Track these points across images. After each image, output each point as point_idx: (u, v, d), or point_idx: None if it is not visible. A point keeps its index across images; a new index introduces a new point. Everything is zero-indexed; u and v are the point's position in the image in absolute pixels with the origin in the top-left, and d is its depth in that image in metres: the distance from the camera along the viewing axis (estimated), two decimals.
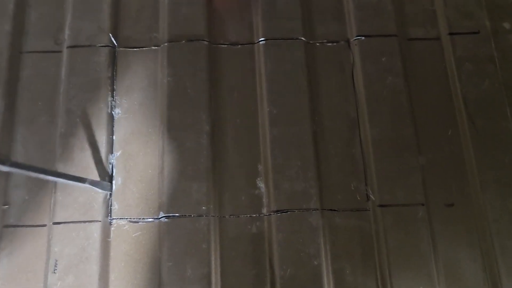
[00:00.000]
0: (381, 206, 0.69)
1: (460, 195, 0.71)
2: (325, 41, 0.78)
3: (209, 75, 0.74)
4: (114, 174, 0.69)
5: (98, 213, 0.67)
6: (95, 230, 0.66)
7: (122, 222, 0.67)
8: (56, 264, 0.64)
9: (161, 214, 0.67)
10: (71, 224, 0.66)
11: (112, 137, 0.71)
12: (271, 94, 0.74)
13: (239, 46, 0.77)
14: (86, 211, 0.67)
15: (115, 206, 0.67)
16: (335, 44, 0.78)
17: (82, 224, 0.66)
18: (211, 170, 0.70)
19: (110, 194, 0.68)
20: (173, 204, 0.68)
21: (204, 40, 0.76)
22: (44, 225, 0.67)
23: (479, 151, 0.72)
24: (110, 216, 0.67)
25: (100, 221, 0.66)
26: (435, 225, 0.69)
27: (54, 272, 0.64)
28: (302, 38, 0.77)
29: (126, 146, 0.70)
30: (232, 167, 0.71)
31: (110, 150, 0.70)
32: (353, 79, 0.76)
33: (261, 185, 0.70)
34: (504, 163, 0.72)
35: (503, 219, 0.69)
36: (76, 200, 0.67)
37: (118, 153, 0.70)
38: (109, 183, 0.68)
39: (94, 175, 0.68)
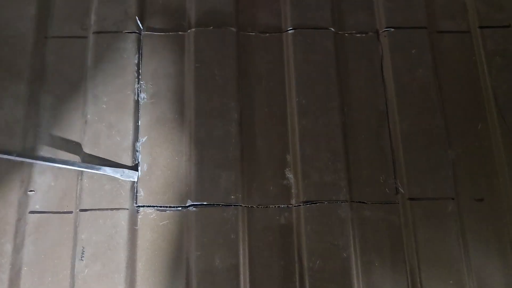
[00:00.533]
0: (410, 199, 0.68)
1: (490, 190, 0.70)
2: (354, 32, 0.77)
3: (237, 63, 0.73)
4: (139, 160, 0.68)
5: (125, 200, 0.66)
6: (123, 218, 0.66)
7: (149, 210, 0.67)
8: (83, 251, 0.64)
9: (189, 202, 0.66)
10: (98, 212, 0.66)
11: (138, 124, 0.70)
12: (299, 84, 0.73)
13: (267, 34, 0.76)
14: (113, 199, 0.67)
15: (141, 193, 0.67)
16: (364, 35, 0.77)
17: (110, 211, 0.66)
18: (240, 159, 0.69)
19: (136, 181, 0.67)
20: (201, 192, 0.67)
21: (232, 27, 0.75)
22: (71, 212, 0.67)
23: (509, 146, 0.72)
24: (136, 203, 0.66)
25: (127, 209, 0.66)
26: (464, 219, 0.68)
27: (82, 259, 0.63)
28: (331, 29, 0.76)
29: (152, 132, 0.70)
30: (261, 157, 0.70)
31: (137, 137, 0.69)
32: (382, 71, 0.75)
33: (290, 175, 0.69)
34: None
35: None
36: (103, 187, 0.67)
37: (144, 139, 0.69)
38: (132, 170, 0.67)
39: (122, 162, 0.68)
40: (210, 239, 0.65)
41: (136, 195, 0.67)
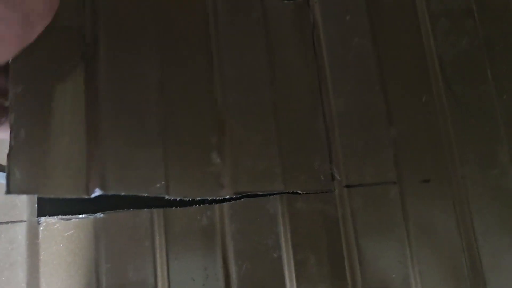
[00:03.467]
0: (347, 186, 0.62)
1: (437, 169, 0.64)
2: None
3: (154, 13, 0.60)
4: (12, 121, 0.48)
5: (22, 211, 0.59)
6: (20, 231, 0.58)
7: (52, 220, 0.59)
8: None
9: (97, 192, 0.52)
10: None
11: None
12: (227, 52, 0.64)
13: None
14: (8, 211, 0.59)
15: (16, 175, 0.47)
16: (292, 1, 0.68)
17: (4, 225, 0.58)
18: (162, 136, 0.57)
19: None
20: (114, 178, 0.53)
21: None
22: None
23: (457, 119, 0.65)
24: (8, 191, 0.47)
25: (25, 221, 0.59)
26: (409, 205, 0.62)
27: None
28: None
29: (37, 86, 0.50)
30: (183, 135, 0.59)
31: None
32: (313, 42, 0.67)
33: (217, 160, 0.60)
34: (484, 132, 0.65)
35: (485, 195, 0.63)
36: None
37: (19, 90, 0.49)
38: None
39: None
40: (122, 249, 0.58)
41: (8, 179, 0.47)
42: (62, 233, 0.59)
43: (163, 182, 0.56)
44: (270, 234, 0.59)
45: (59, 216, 0.59)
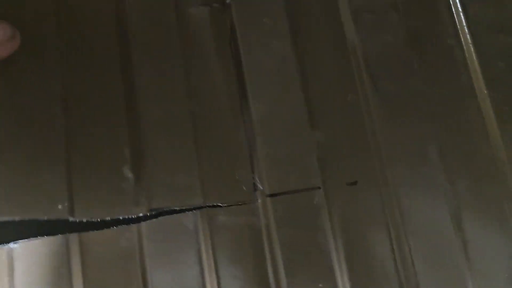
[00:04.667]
0: (271, 195, 0.59)
1: (364, 170, 0.62)
2: (196, 3, 0.66)
3: (57, 16, 0.57)
4: None
5: None
6: None
7: None
8: None
9: None
10: None
11: None
12: (141, 61, 0.61)
13: None
14: None
15: None
16: (208, 7, 0.66)
17: None
18: (67, 152, 0.55)
19: None
20: (5, 202, 0.51)
21: None
22: None
23: (383, 117, 0.63)
24: None
25: None
26: (335, 210, 0.60)
27: None
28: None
29: None
30: (92, 149, 0.56)
31: None
32: (231, 48, 0.65)
33: (130, 175, 0.58)
34: (412, 128, 0.63)
35: (415, 195, 0.60)
36: None
37: None
38: None
39: None
40: (38, 279, 0.56)
41: None
42: None
43: (66, 204, 0.53)
44: (190, 251, 0.57)
45: None
